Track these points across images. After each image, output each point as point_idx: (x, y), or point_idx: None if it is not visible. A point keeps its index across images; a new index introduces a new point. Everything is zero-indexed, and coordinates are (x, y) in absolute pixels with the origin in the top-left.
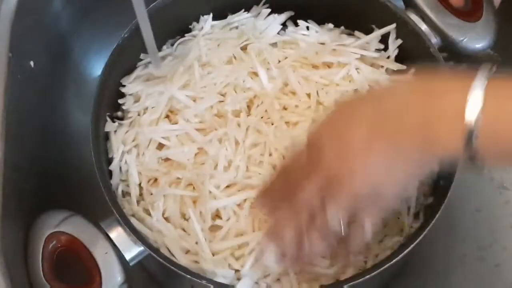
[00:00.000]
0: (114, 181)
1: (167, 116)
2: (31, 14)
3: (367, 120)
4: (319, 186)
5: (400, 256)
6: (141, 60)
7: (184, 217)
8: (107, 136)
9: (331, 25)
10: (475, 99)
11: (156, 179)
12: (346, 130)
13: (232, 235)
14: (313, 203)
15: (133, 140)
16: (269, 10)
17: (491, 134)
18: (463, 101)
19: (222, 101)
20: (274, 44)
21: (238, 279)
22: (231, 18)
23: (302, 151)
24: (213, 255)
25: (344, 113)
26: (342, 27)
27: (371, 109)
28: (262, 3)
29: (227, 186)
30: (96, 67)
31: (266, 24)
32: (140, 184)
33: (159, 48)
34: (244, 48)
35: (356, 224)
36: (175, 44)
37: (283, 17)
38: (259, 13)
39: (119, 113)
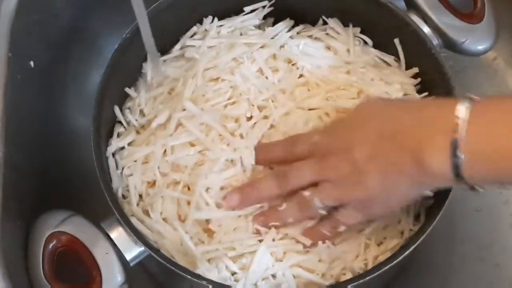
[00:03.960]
0: (114, 182)
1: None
2: (31, 14)
3: (372, 136)
4: (316, 173)
5: (401, 257)
6: (144, 61)
7: (181, 218)
8: (107, 136)
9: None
10: (459, 119)
11: (154, 181)
12: (354, 136)
13: (229, 237)
14: (304, 181)
15: None
16: (271, 8)
17: (476, 154)
18: (449, 123)
19: (233, 104)
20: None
21: (236, 280)
22: (237, 21)
23: (315, 134)
24: (210, 257)
25: (358, 119)
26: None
27: (377, 125)
28: (267, 7)
29: (222, 188)
30: (96, 67)
31: (275, 31)
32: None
33: (161, 51)
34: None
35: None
36: (177, 47)
37: (288, 24)
38: (263, 16)
39: None
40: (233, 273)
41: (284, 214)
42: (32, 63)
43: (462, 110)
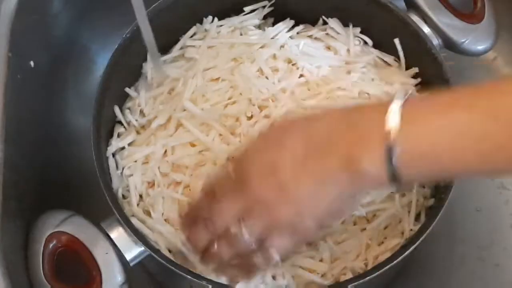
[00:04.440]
0: (114, 182)
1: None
2: (31, 14)
3: (295, 149)
4: (239, 207)
5: (401, 257)
6: (144, 61)
7: None
8: (107, 136)
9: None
10: (392, 120)
11: (155, 181)
12: (277, 157)
13: None
14: (228, 219)
15: None
16: (271, 9)
17: (409, 152)
18: (382, 125)
19: (233, 104)
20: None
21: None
22: (237, 21)
23: (227, 171)
24: None
25: (274, 138)
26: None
27: (299, 138)
28: (267, 7)
29: None
30: (96, 67)
31: (275, 31)
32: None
33: (161, 51)
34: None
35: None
36: (177, 47)
37: (288, 24)
38: (263, 16)
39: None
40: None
41: (218, 255)
42: (32, 63)
43: (394, 110)
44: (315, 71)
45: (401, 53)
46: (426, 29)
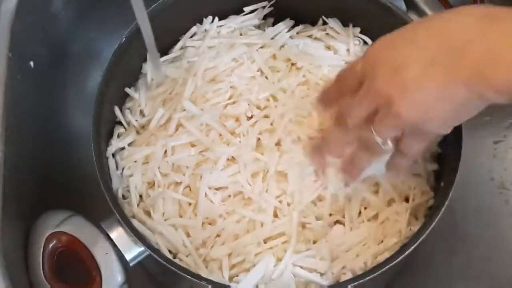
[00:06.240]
0: (114, 183)
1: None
2: (31, 14)
3: (428, 50)
4: (367, 104)
5: (401, 257)
6: (144, 61)
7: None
8: (107, 137)
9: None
10: None
11: (155, 182)
12: (405, 55)
13: (231, 239)
14: (359, 117)
15: None
16: (271, 9)
17: None
18: None
19: (233, 104)
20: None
21: (236, 282)
22: (237, 21)
23: (358, 63)
24: (211, 259)
25: (406, 34)
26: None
27: (433, 36)
28: (267, 7)
29: (221, 188)
30: (96, 67)
31: (275, 31)
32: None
33: (161, 51)
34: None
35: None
36: (177, 48)
37: (288, 24)
38: (263, 16)
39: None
40: (234, 275)
41: (357, 161)
42: (32, 63)
43: None
44: (315, 70)
45: None
46: None
